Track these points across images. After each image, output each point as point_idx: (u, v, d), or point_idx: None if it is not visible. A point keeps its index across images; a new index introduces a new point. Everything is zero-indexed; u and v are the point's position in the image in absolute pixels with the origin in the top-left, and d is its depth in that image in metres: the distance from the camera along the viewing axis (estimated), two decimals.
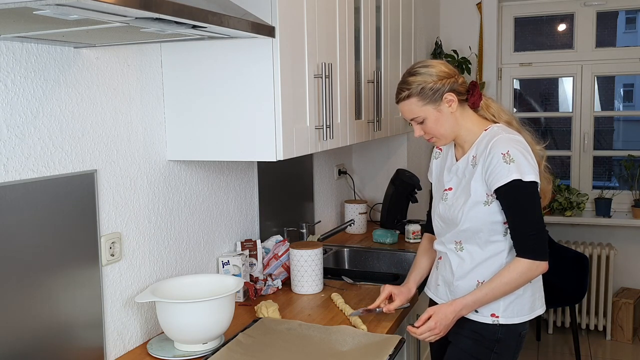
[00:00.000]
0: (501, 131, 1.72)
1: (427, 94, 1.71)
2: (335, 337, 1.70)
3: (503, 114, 1.81)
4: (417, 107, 1.73)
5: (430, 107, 1.72)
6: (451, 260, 1.79)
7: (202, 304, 1.60)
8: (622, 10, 4.14)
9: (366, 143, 3.52)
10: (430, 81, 1.71)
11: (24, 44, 1.36)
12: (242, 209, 2.32)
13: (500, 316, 1.72)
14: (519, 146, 1.67)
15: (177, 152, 1.85)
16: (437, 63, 1.76)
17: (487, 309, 1.73)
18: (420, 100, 1.72)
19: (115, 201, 1.66)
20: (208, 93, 1.77)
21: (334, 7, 2.10)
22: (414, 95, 1.72)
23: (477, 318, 1.75)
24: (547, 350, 3.89)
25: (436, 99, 1.71)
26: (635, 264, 4.05)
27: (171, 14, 1.08)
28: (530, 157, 1.66)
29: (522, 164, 1.63)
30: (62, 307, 1.47)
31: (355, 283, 2.29)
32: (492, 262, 1.72)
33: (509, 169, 1.63)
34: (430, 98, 1.71)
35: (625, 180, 4.08)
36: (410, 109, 1.74)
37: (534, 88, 4.49)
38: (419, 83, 1.71)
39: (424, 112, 1.73)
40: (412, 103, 1.73)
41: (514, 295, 1.72)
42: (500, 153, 1.65)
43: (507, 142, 1.66)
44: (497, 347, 1.74)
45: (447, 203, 1.79)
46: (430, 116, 1.73)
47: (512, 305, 1.73)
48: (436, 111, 1.73)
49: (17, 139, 1.35)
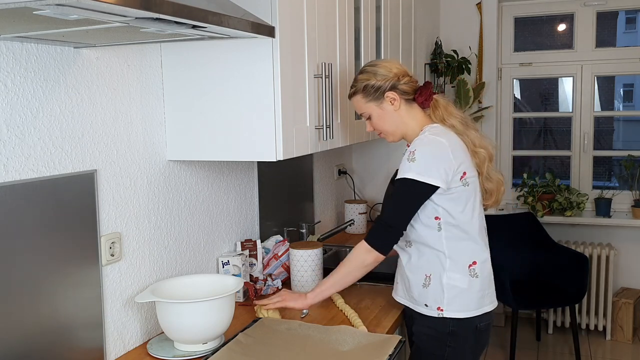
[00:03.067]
0: (428, 131, 1.77)
1: (369, 92, 1.82)
2: (335, 337, 1.70)
3: (451, 116, 1.84)
4: (362, 103, 1.85)
5: (372, 104, 1.83)
6: (402, 257, 1.87)
7: (202, 304, 1.60)
8: (622, 10, 4.14)
9: (366, 143, 3.52)
10: (374, 79, 1.80)
11: (24, 44, 1.36)
12: (242, 209, 2.32)
13: (444, 309, 1.76)
14: (432, 148, 1.71)
15: (177, 152, 1.85)
16: (386, 62, 1.85)
17: (434, 302, 1.77)
18: (364, 97, 1.83)
19: (115, 201, 1.66)
20: (208, 93, 1.77)
21: (334, 7, 2.10)
22: (359, 92, 1.84)
23: (426, 312, 1.79)
24: (547, 350, 3.89)
25: (378, 97, 1.81)
26: (635, 264, 4.05)
27: (171, 14, 1.08)
28: (438, 160, 1.70)
29: (420, 164, 1.69)
30: (62, 307, 1.47)
31: (355, 283, 2.29)
32: (433, 257, 1.78)
33: (408, 167, 1.70)
34: (372, 95, 1.82)
35: (625, 180, 4.08)
36: (357, 105, 1.87)
37: (534, 88, 4.49)
38: (363, 81, 1.82)
39: (368, 108, 1.84)
40: (358, 100, 1.85)
41: (457, 289, 1.76)
42: (410, 151, 1.73)
43: (421, 142, 1.73)
44: (450, 340, 1.77)
45: None
46: (374, 113, 1.84)
47: (457, 299, 1.76)
48: (379, 108, 1.83)
49: (17, 139, 1.35)
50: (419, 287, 1.80)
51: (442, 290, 1.76)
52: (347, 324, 1.83)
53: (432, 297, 1.78)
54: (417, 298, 1.81)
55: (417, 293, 1.81)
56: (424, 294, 1.79)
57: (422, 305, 1.80)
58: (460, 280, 1.76)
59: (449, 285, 1.76)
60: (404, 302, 1.89)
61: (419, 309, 1.81)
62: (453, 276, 1.76)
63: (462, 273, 1.77)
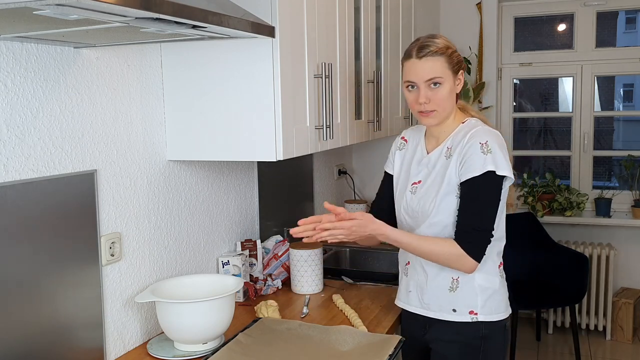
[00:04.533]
0: (479, 124, 1.70)
1: (453, 60, 1.64)
2: (335, 337, 1.70)
3: (475, 113, 1.79)
4: (442, 68, 1.62)
5: (451, 74, 1.64)
6: (417, 260, 1.74)
7: (202, 304, 1.60)
8: (622, 10, 4.14)
9: (366, 143, 3.52)
10: (456, 50, 1.67)
11: (24, 44, 1.36)
12: (242, 209, 2.32)
13: (479, 313, 1.67)
14: (498, 139, 1.64)
15: (177, 152, 1.85)
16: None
17: (465, 306, 1.68)
18: (447, 62, 1.63)
19: (115, 201, 1.66)
20: (208, 93, 1.77)
21: (334, 7, 2.10)
22: (443, 55, 1.62)
23: (455, 318, 1.69)
24: (547, 350, 3.89)
25: (456, 71, 1.65)
26: (635, 264, 4.04)
27: (171, 14, 1.08)
28: (506, 152, 1.63)
29: (498, 156, 1.60)
30: (62, 307, 1.47)
31: (355, 283, 2.30)
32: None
33: (484, 159, 1.59)
34: (454, 66, 1.64)
35: (625, 180, 4.08)
36: (434, 67, 1.62)
37: (534, 88, 4.49)
38: (448, 46, 1.64)
39: (446, 75, 1.63)
40: (439, 61, 1.62)
41: (490, 290, 1.68)
42: (479, 142, 1.61)
43: (487, 133, 1.64)
44: (484, 345, 1.69)
45: (416, 196, 1.73)
46: (447, 83, 1.63)
47: (491, 302, 1.68)
48: (453, 81, 1.65)
49: (17, 139, 1.35)
50: (444, 292, 1.69)
51: (475, 292, 1.66)
52: (347, 324, 1.83)
53: (461, 301, 1.67)
54: (441, 304, 1.70)
55: (441, 298, 1.69)
56: (451, 298, 1.68)
57: (448, 311, 1.69)
58: (492, 282, 1.69)
59: (482, 287, 1.67)
60: (419, 311, 1.76)
61: (442, 316, 1.70)
62: (487, 277, 1.67)
63: (493, 274, 1.69)
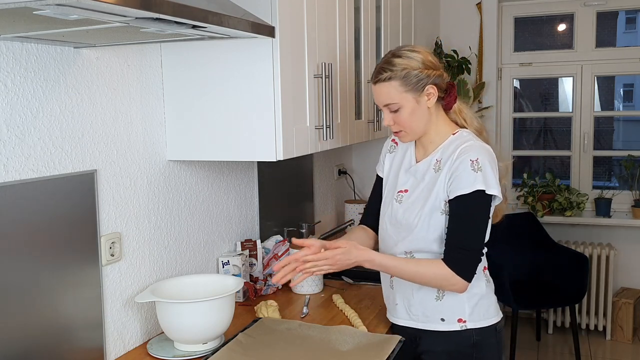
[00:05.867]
0: (471, 137, 1.64)
1: (410, 81, 1.58)
2: (335, 337, 1.70)
3: (475, 121, 1.73)
4: (397, 92, 1.59)
5: (410, 95, 1.59)
6: None
7: (202, 304, 1.60)
8: (622, 10, 4.14)
9: (366, 143, 3.52)
10: (417, 67, 1.59)
11: (24, 44, 1.36)
12: (242, 209, 2.32)
13: (467, 320, 1.66)
14: (489, 156, 1.59)
15: (177, 152, 1.85)
16: (425, 51, 1.64)
17: (452, 315, 1.66)
18: (402, 85, 1.59)
19: (115, 201, 1.66)
20: (208, 93, 1.77)
21: (334, 7, 2.10)
22: (396, 78, 1.58)
23: (444, 328, 1.67)
24: (547, 350, 3.89)
25: (418, 89, 1.59)
26: (635, 264, 4.05)
27: (171, 14, 1.08)
28: (496, 170, 1.60)
29: (489, 175, 1.56)
30: (62, 307, 1.47)
31: (355, 283, 2.30)
32: None
33: (475, 177, 1.55)
34: (413, 86, 1.59)
35: (625, 180, 4.08)
36: (389, 92, 1.60)
37: (534, 88, 4.49)
38: (405, 67, 1.58)
39: (402, 99, 1.60)
40: (393, 87, 1.59)
41: (477, 296, 1.66)
42: (469, 159, 1.56)
43: (478, 150, 1.59)
44: (475, 352, 1.67)
45: (402, 206, 1.69)
46: (407, 105, 1.60)
47: (478, 307, 1.67)
48: (415, 102, 1.60)
49: (17, 139, 1.35)
50: (431, 302, 1.67)
51: (462, 300, 1.65)
52: (347, 324, 1.83)
53: (449, 310, 1.66)
54: (429, 314, 1.68)
55: (428, 308, 1.68)
56: (439, 307, 1.66)
57: (437, 320, 1.67)
58: (479, 287, 1.67)
59: (469, 293, 1.64)
60: (407, 323, 1.74)
61: (431, 327, 1.68)
62: (472, 283, 1.61)
63: (479, 278, 1.66)
